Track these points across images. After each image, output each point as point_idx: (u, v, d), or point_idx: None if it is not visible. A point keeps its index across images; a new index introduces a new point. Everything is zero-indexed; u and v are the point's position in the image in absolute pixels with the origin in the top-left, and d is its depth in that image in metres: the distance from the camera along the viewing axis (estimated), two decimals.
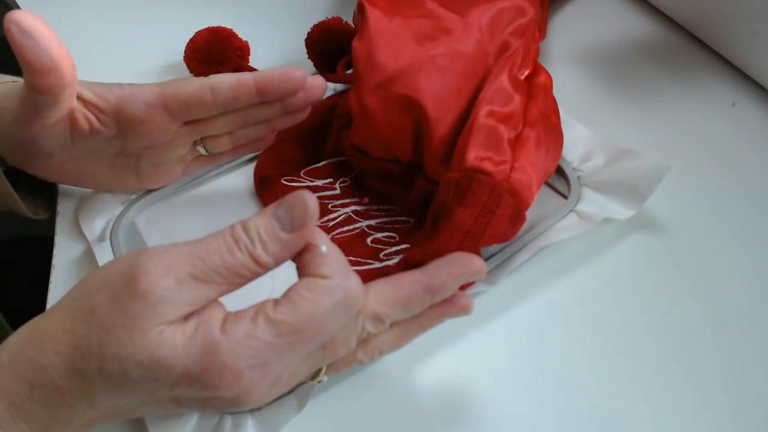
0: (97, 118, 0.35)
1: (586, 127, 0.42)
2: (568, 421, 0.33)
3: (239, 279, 0.26)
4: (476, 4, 0.40)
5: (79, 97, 0.34)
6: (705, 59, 0.48)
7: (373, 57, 0.38)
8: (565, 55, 0.50)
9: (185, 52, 0.49)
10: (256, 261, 0.26)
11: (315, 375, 0.30)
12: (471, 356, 0.35)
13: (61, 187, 0.44)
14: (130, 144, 0.37)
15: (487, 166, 0.34)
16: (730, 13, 0.45)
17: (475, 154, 0.35)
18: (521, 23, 0.40)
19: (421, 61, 0.37)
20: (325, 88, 0.37)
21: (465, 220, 0.34)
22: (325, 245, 0.27)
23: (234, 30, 0.49)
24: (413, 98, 0.37)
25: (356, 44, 0.39)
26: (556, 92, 0.42)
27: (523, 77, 0.38)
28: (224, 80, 0.35)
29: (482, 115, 0.35)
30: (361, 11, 0.40)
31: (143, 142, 0.37)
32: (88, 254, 0.40)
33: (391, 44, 0.38)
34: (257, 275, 0.27)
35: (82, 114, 0.34)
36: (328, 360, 0.29)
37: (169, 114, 0.35)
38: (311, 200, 0.26)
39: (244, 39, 0.50)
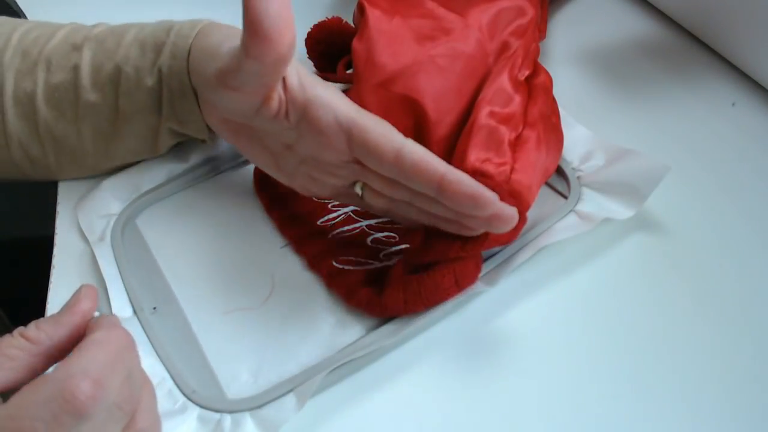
0: (287, 107, 0.33)
1: (586, 127, 0.42)
2: (568, 421, 0.33)
3: (10, 361, 0.26)
4: (476, 4, 0.40)
5: (284, 80, 0.32)
6: (705, 59, 0.48)
7: (373, 57, 0.38)
8: (565, 55, 0.50)
9: None
10: (26, 337, 0.26)
11: None
12: (471, 356, 0.35)
13: (61, 187, 0.44)
14: (300, 144, 0.35)
15: (488, 167, 0.34)
16: (730, 13, 0.45)
17: (475, 156, 0.35)
18: (521, 23, 0.40)
19: (421, 61, 0.37)
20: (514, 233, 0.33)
21: None
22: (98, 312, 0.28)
23: None
24: (413, 98, 0.37)
25: (356, 44, 0.39)
26: (556, 92, 0.42)
27: (523, 78, 0.38)
28: (414, 151, 0.31)
29: (482, 115, 0.35)
30: (361, 11, 0.40)
31: (311, 151, 0.34)
32: (88, 254, 0.40)
33: (391, 44, 0.38)
34: (32, 353, 0.26)
35: (278, 97, 0.32)
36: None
37: (348, 144, 0.33)
38: (85, 287, 0.29)
39: None
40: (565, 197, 0.40)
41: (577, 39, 0.51)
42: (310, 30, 0.48)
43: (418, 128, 0.38)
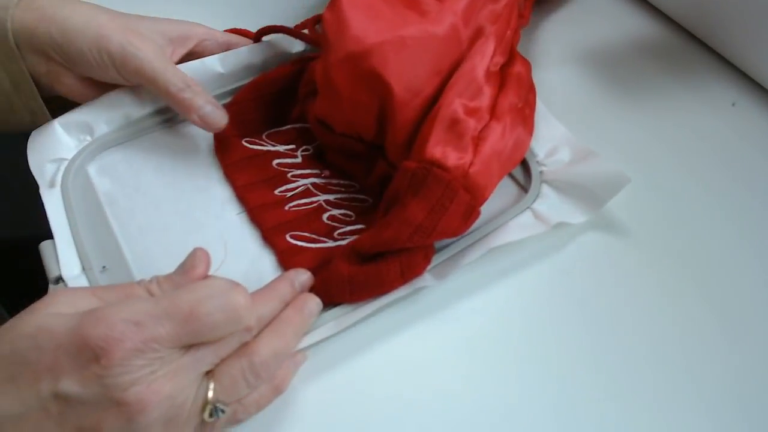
0: None
1: (586, 127, 0.41)
2: (566, 419, 0.32)
3: None
4: None
5: None
6: (705, 59, 0.47)
7: (344, 29, 0.36)
8: (564, 55, 0.49)
9: None
10: (149, 290, 0.31)
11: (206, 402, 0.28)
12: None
13: None
14: None
15: (446, 160, 0.33)
16: (730, 13, 0.44)
17: (435, 146, 0.33)
18: (494, 9, 0.38)
19: (392, 40, 0.35)
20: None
21: (417, 214, 0.33)
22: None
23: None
24: (381, 76, 0.35)
25: (327, 14, 0.37)
26: (555, 92, 0.40)
27: (496, 68, 0.36)
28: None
29: (448, 105, 0.34)
30: None
31: None
32: None
33: (363, 19, 0.36)
34: None
35: None
36: (211, 357, 0.28)
37: None
38: (199, 251, 0.33)
39: None
40: (526, 190, 0.39)
41: (576, 39, 0.50)
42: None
43: (382, 108, 0.36)
